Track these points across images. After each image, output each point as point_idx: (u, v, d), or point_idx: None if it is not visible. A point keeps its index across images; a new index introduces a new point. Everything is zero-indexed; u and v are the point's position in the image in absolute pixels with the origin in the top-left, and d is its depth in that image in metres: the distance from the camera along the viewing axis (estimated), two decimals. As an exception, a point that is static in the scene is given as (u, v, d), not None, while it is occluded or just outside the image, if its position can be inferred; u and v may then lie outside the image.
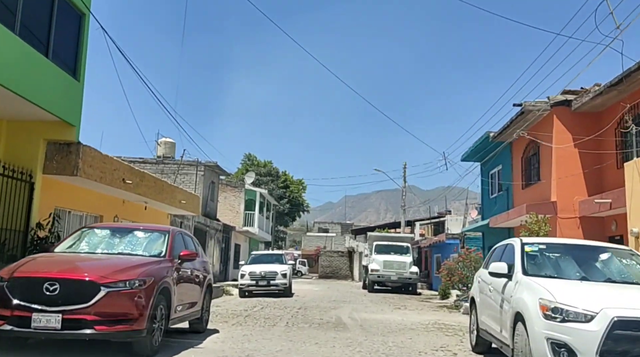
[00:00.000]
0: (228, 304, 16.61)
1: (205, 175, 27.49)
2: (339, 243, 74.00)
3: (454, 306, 17.89)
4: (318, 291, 26.53)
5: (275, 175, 49.18)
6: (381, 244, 28.27)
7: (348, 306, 16.81)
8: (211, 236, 24.60)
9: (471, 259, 18.16)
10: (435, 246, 30.47)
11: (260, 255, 22.02)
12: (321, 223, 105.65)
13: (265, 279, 19.74)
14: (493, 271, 6.87)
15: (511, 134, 17.13)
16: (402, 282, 26.77)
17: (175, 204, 15.72)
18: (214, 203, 29.55)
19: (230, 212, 33.83)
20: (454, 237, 25.85)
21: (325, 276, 50.86)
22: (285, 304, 16.69)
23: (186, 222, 20.24)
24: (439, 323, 12.72)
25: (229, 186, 34.06)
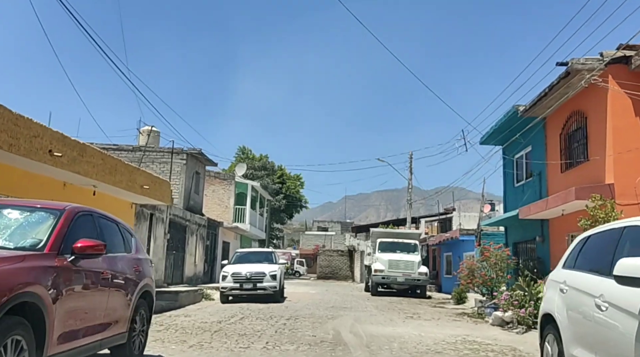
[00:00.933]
0: (202, 312, 13.55)
1: (188, 165, 24.44)
2: (338, 242, 70.85)
3: (476, 314, 14.83)
4: (315, 294, 23.48)
5: (270, 169, 46.11)
6: (386, 241, 25.22)
7: (349, 315, 13.76)
8: (192, 231, 21.59)
9: (496, 257, 15.09)
10: (446, 244, 27.45)
11: (247, 253, 18.98)
12: (320, 222, 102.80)
13: (251, 282, 16.69)
14: (627, 274, 3.72)
15: (548, 105, 14.07)
16: (409, 284, 23.72)
17: (134, 189, 12.66)
18: (199, 196, 26.51)
19: (218, 207, 30.80)
20: (469, 233, 22.84)
21: (324, 277, 47.80)
22: (273, 313, 13.64)
23: (159, 215, 17.21)
24: (469, 341, 9.66)
25: (217, 178, 31.04)
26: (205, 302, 17.03)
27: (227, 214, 30.72)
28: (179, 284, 19.31)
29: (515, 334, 11.01)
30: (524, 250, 16.99)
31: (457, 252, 25.76)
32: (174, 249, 19.28)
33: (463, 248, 24.53)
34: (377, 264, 24.07)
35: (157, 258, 17.06)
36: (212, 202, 30.77)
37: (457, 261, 25.90)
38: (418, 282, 23.53)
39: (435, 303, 20.45)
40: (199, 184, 26.43)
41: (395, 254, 24.30)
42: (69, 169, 9.89)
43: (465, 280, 15.43)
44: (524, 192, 16.91)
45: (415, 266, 23.62)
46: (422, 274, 23.62)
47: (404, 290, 24.22)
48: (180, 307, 14.53)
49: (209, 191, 30.86)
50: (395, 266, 23.61)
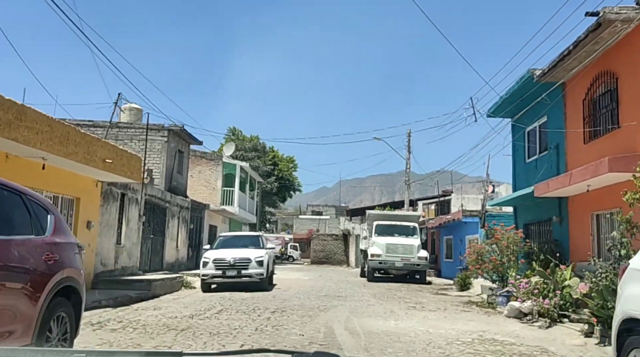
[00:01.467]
0: (176, 304, 11.89)
1: (170, 142, 22.61)
2: (333, 226, 69.30)
3: (486, 303, 13.24)
4: (307, 280, 21.89)
5: (262, 151, 44.23)
6: (383, 224, 23.61)
7: (344, 306, 12.13)
8: (174, 214, 19.86)
9: (508, 239, 13.47)
10: (446, 226, 25.87)
11: (231, 237, 17.29)
12: (315, 206, 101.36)
13: (235, 268, 15.02)
14: None
15: (570, 66, 12.34)
16: (408, 269, 22.17)
17: (94, 163, 10.88)
18: (183, 176, 24.73)
19: (205, 189, 29.04)
20: (472, 215, 21.26)
21: (318, 262, 46.31)
22: (257, 303, 12.00)
23: (132, 195, 15.44)
24: (488, 339, 8.05)
25: (204, 158, 29.23)
26: (184, 291, 15.36)
27: (215, 196, 28.98)
28: (158, 271, 17.65)
29: (538, 328, 9.42)
30: (537, 232, 15.39)
31: (459, 235, 24.20)
32: (152, 233, 17.58)
33: (465, 231, 22.96)
34: (373, 249, 22.49)
35: (130, 243, 15.35)
36: (199, 184, 29.01)
37: (459, 244, 24.36)
38: (418, 267, 21.99)
39: (437, 290, 18.91)
40: (183, 163, 24.63)
41: (393, 238, 22.71)
42: (1, 135, 8.10)
43: (473, 265, 13.82)
44: (537, 168, 15.24)
45: (415, 250, 22.06)
46: (422, 259, 22.07)
47: (402, 275, 22.69)
48: (153, 297, 12.86)
49: (195, 172, 29.09)
50: (393, 250, 22.04)
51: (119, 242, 14.77)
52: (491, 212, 21.20)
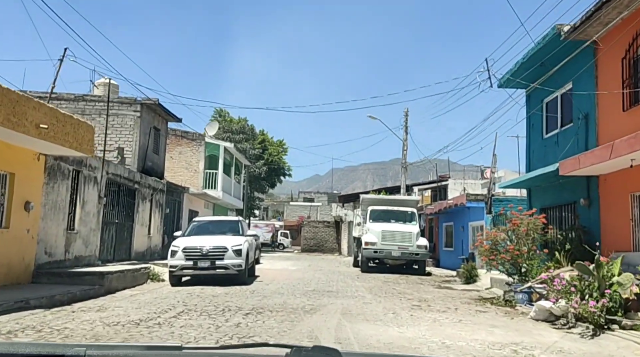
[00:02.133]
0: (130, 302, 9.78)
1: (143, 118, 20.34)
2: (325, 213, 67.34)
3: (502, 301, 11.23)
4: (294, 271, 19.85)
5: (250, 133, 41.90)
6: (378, 210, 21.57)
7: (335, 304, 10.09)
8: (145, 196, 17.66)
9: (528, 225, 11.44)
10: (446, 213, 23.88)
11: (206, 222, 15.14)
12: (306, 193, 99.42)
13: (208, 259, 12.91)
14: None
15: (606, 20, 10.25)
16: (406, 258, 20.19)
17: (23, 128, 8.67)
18: (160, 157, 22.49)
19: (186, 171, 26.84)
20: (477, 199, 19.24)
21: (309, 250, 44.36)
22: (230, 302, 9.94)
23: (89, 173, 13.22)
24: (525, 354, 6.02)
25: (185, 138, 26.99)
26: (150, 284, 13.26)
27: (197, 179, 26.80)
28: (124, 261, 15.52)
29: (580, 337, 7.41)
30: (557, 218, 13.39)
31: (461, 222, 22.23)
32: (116, 218, 15.40)
33: (469, 217, 20.98)
34: (368, 236, 20.47)
35: (87, 229, 13.17)
36: (179, 166, 26.81)
37: (460, 232, 22.41)
38: (416, 257, 20.01)
39: (439, 282, 16.94)
40: (160, 142, 22.39)
41: (390, 224, 20.70)
42: None
43: (487, 256, 11.79)
44: (558, 143, 13.20)
45: (413, 237, 20.07)
46: (422, 247, 20.09)
47: (399, 266, 20.72)
48: (106, 293, 10.75)
49: (175, 153, 26.87)
50: (389, 237, 20.04)
51: (72, 228, 12.60)
52: (498, 196, 19.23)
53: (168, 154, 26.73)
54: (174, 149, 26.87)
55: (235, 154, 30.01)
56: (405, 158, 26.57)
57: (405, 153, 26.56)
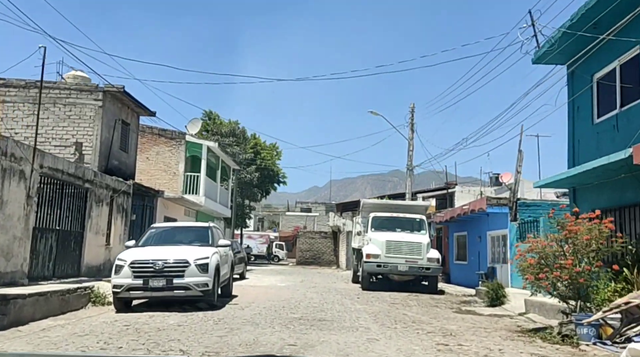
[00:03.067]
0: (28, 341, 6.72)
1: (107, 108, 17.37)
2: (322, 223, 64.19)
3: (555, 335, 8.14)
4: (283, 288, 16.76)
5: (241, 137, 38.95)
6: (382, 217, 18.55)
7: (326, 343, 7.05)
8: (100, 199, 14.60)
9: (590, 232, 8.40)
10: (458, 221, 20.83)
11: (168, 229, 12.06)
12: (304, 203, 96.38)
13: (164, 276, 9.85)
14: None
15: None
16: (414, 274, 17.15)
17: None
18: (130, 156, 19.49)
19: (165, 174, 23.84)
20: (500, 204, 16.22)
21: (304, 262, 41.20)
22: (176, 341, 6.89)
23: (11, 165, 10.19)
24: None
25: (163, 136, 24.03)
26: (89, 310, 10.18)
27: (176, 183, 23.79)
28: (69, 277, 12.45)
29: None
30: (616, 223, 10.36)
31: (477, 231, 19.19)
32: (58, 224, 12.35)
33: (487, 225, 17.96)
34: (370, 247, 17.44)
35: (6, 237, 10.11)
36: (156, 168, 23.80)
37: (476, 242, 19.37)
38: (427, 272, 16.95)
39: (457, 303, 13.88)
40: (129, 138, 19.40)
41: (396, 233, 17.68)
42: None
43: (533, 273, 8.74)
44: (617, 128, 10.24)
45: (423, 249, 17.05)
46: (433, 261, 17.06)
47: (406, 282, 17.67)
48: (10, 326, 7.69)
49: (152, 153, 23.87)
50: (395, 249, 17.02)
51: (-18, 236, 9.54)
52: (525, 200, 16.23)
53: (143, 154, 23.77)
54: (151, 148, 23.89)
55: (222, 155, 27.01)
56: (411, 159, 23.60)
57: (411, 154, 23.59)
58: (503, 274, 16.41)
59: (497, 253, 17.35)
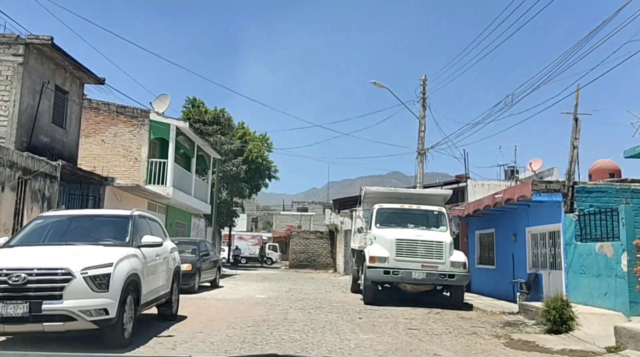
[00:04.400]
0: None
1: (30, 68, 13.26)
2: (319, 223, 59.96)
3: None
4: (260, 302, 12.56)
5: (226, 125, 34.77)
6: (390, 209, 14.45)
7: None
8: (0, 181, 10.40)
9: None
10: (482, 216, 16.68)
11: (64, 219, 7.75)
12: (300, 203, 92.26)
13: (25, 298, 5.68)
14: None
15: None
16: (434, 282, 13.02)
17: None
18: (69, 133, 15.37)
19: (124, 160, 19.68)
20: (550, 190, 12.05)
21: (298, 265, 37.07)
22: None
23: None
24: None
25: (122, 115, 19.92)
26: None
27: (138, 171, 19.64)
28: None
29: None
30: None
31: (510, 227, 15.04)
32: None
33: (526, 219, 13.81)
34: (374, 248, 13.33)
35: None
36: (113, 153, 19.64)
37: (509, 242, 15.23)
38: (451, 281, 12.82)
39: (500, 326, 9.74)
40: (67, 110, 15.28)
41: (408, 230, 13.60)
42: None
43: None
44: None
45: (445, 250, 12.95)
46: (458, 266, 12.96)
47: (421, 292, 13.54)
48: None
49: (109, 135, 19.72)
50: (408, 250, 12.91)
51: None
52: (584, 184, 12.09)
53: (98, 136, 19.65)
54: (107, 129, 19.75)
55: (198, 141, 22.84)
56: (423, 142, 19.45)
57: (423, 135, 19.45)
58: (553, 283, 12.28)
59: (541, 255, 13.20)
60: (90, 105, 19.75)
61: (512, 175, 29.38)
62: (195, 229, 27.69)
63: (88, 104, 19.77)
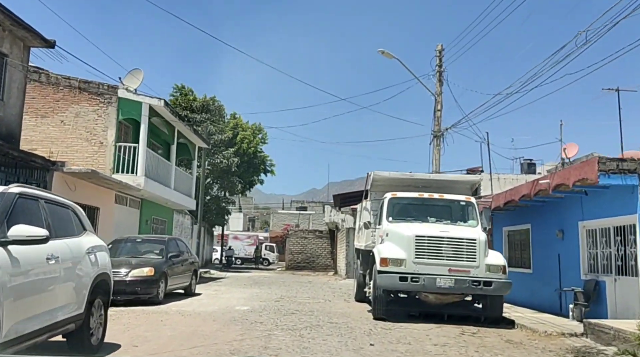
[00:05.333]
0: None
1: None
2: (318, 222, 56.98)
3: None
4: (237, 318, 9.56)
5: (217, 113, 31.84)
6: (406, 199, 11.52)
7: None
8: None
9: None
10: (514, 209, 13.72)
11: None
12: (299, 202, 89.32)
13: None
14: None
15: None
16: (464, 291, 10.05)
17: None
18: (7, 105, 12.40)
19: (87, 144, 16.71)
20: (622, 170, 9.08)
21: (295, 267, 34.09)
22: None
23: None
24: None
25: (85, 91, 16.98)
26: None
27: (104, 157, 16.66)
28: None
29: None
30: None
31: (555, 222, 12.08)
32: None
33: (580, 210, 10.85)
34: (387, 248, 10.37)
35: None
36: (74, 136, 16.67)
37: (552, 240, 12.26)
38: (487, 290, 9.82)
39: (569, 353, 6.78)
40: (5, 78, 12.33)
41: (430, 225, 10.69)
42: None
43: None
44: None
45: (480, 250, 9.99)
46: (497, 270, 10.03)
47: (445, 305, 10.54)
48: None
49: (69, 115, 16.76)
50: (432, 250, 9.98)
51: None
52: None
53: (56, 116, 16.72)
54: (67, 108, 16.78)
55: (178, 125, 19.86)
56: (439, 122, 16.49)
57: (439, 115, 16.50)
58: (623, 294, 9.33)
59: (603, 257, 10.22)
60: (48, 80, 16.83)
61: (530, 168, 26.57)
62: (178, 227, 24.72)
63: (46, 79, 16.86)
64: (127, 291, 10.62)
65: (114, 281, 9.69)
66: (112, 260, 11.58)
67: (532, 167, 27.64)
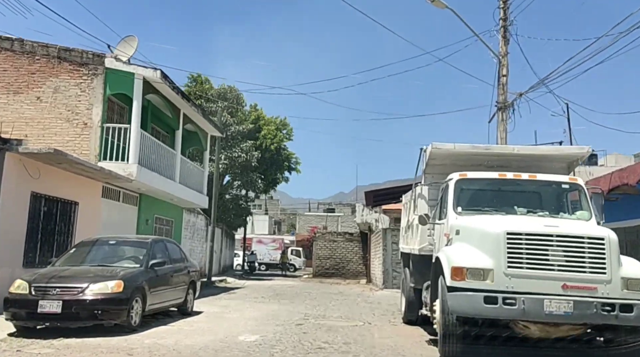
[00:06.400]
0: None
1: None
2: (347, 225, 53.48)
3: None
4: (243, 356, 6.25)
5: (235, 102, 28.77)
6: (482, 180, 7.99)
7: None
8: None
9: None
10: (614, 202, 10.08)
11: None
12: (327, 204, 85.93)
13: None
14: None
15: None
16: (588, 320, 6.40)
17: None
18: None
19: (68, 125, 13.67)
20: None
21: (323, 273, 30.61)
22: None
23: None
24: None
25: (66, 61, 13.92)
26: None
27: (89, 140, 13.59)
28: None
29: None
30: None
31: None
32: None
33: None
34: (461, 252, 6.80)
35: None
36: (52, 115, 13.64)
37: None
38: (626, 318, 6.18)
39: None
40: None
41: (524, 219, 7.13)
42: None
43: None
44: None
45: (611, 255, 6.33)
46: (638, 286, 6.33)
47: (557, 338, 6.93)
48: None
49: (46, 91, 13.75)
50: (535, 256, 6.38)
51: None
52: None
53: (32, 91, 13.81)
54: (45, 82, 13.78)
55: (183, 106, 16.70)
56: (505, 90, 12.88)
57: (505, 80, 12.89)
58: None
59: None
60: (22, 48, 13.90)
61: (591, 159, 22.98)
62: (189, 228, 21.61)
63: (19, 47, 13.94)
64: (81, 315, 7.38)
65: (63, 300, 6.92)
66: (71, 270, 8.35)
67: (593, 158, 24.18)
